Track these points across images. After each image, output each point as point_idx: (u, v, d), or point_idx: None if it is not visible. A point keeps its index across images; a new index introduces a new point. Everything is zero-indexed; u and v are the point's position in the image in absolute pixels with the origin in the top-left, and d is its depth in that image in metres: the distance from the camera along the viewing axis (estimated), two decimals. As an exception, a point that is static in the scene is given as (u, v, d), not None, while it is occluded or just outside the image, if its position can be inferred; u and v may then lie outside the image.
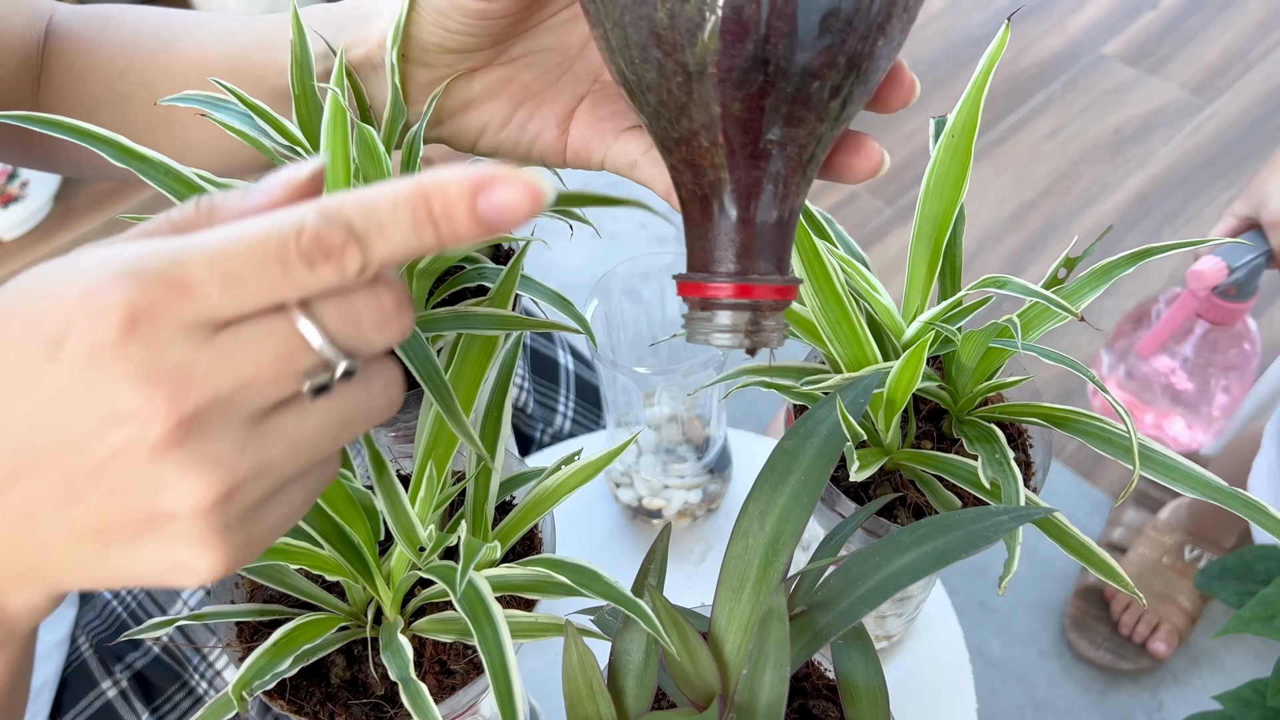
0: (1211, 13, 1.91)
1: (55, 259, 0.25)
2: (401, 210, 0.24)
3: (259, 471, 0.25)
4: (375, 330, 0.25)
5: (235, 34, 0.47)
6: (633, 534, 0.70)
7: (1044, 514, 0.36)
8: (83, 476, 0.24)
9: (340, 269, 0.24)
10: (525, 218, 0.25)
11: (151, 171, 0.39)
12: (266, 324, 0.24)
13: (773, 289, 0.32)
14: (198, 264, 0.23)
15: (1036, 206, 1.62)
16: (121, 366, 0.23)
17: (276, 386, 0.25)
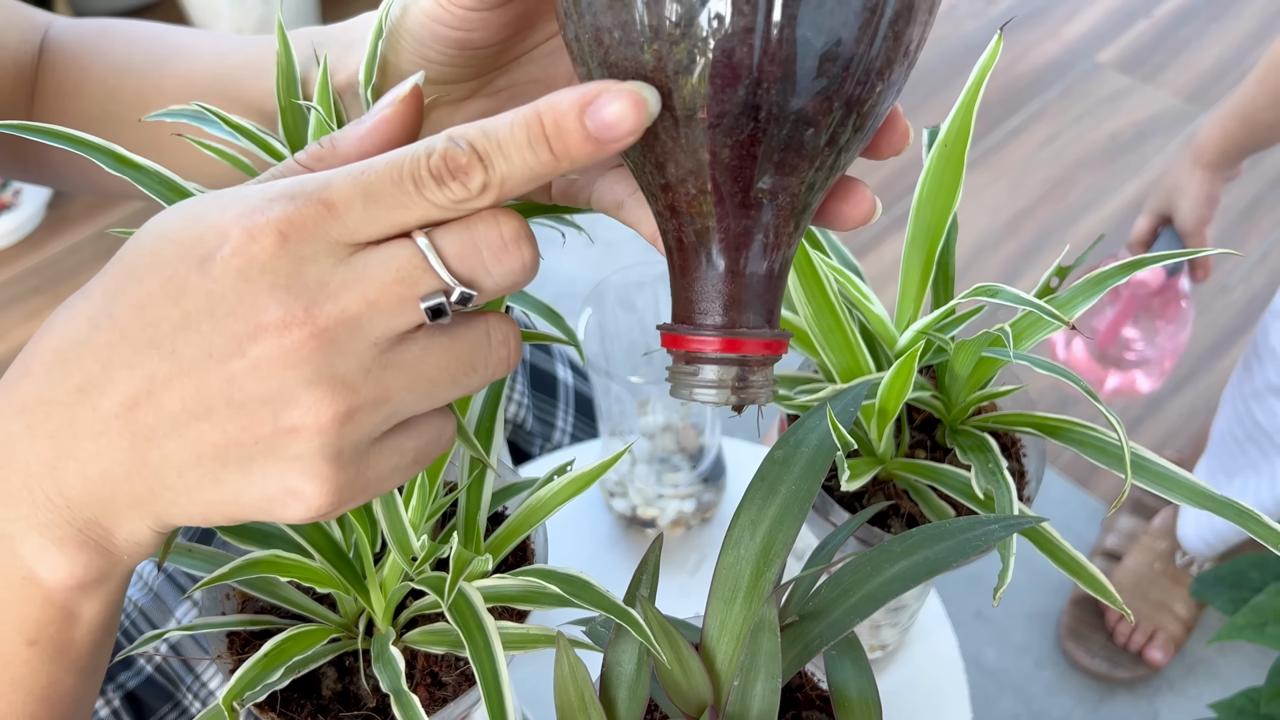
0: (1205, 21, 1.92)
1: (206, 194, 0.28)
2: (518, 129, 0.26)
3: (378, 399, 0.27)
4: (493, 258, 0.27)
5: (226, 55, 0.47)
6: (626, 544, 0.69)
7: (1033, 523, 0.36)
8: (215, 389, 0.26)
9: (465, 184, 0.26)
10: (632, 128, 0.26)
11: (147, 181, 0.39)
12: (394, 249, 0.26)
13: (762, 344, 0.30)
14: (342, 185, 0.26)
15: (1032, 214, 1.62)
16: (269, 279, 0.25)
17: (399, 308, 0.26)
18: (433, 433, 0.29)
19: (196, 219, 0.26)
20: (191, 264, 0.25)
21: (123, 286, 0.26)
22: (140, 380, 0.26)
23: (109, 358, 0.26)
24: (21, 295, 1.56)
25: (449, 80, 0.37)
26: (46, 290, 1.57)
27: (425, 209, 0.26)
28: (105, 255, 1.60)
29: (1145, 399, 1.40)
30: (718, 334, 0.30)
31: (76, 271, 1.59)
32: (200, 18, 1.80)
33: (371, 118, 0.29)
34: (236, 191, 0.27)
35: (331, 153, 0.29)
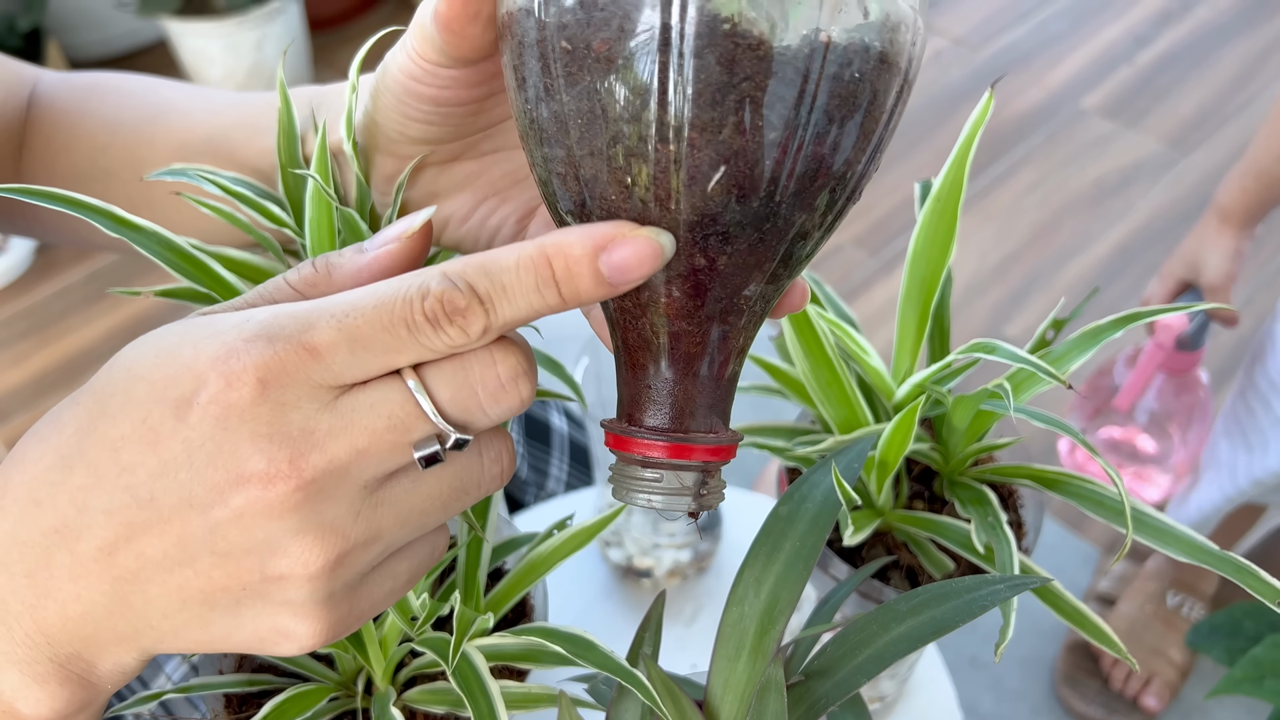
0: (1186, 68, 1.95)
1: (179, 323, 0.26)
2: (525, 272, 0.24)
3: (369, 539, 0.25)
4: (490, 401, 0.26)
5: (219, 112, 0.47)
6: (622, 594, 0.69)
7: (1040, 583, 0.36)
8: (198, 537, 0.24)
9: (464, 330, 0.24)
10: (646, 274, 0.25)
11: (145, 241, 0.39)
12: (383, 392, 0.25)
13: (711, 450, 0.28)
14: (327, 327, 0.24)
15: (1020, 258, 1.64)
16: (249, 427, 0.24)
17: (390, 455, 0.25)
18: (426, 551, 0.28)
19: (170, 357, 0.25)
20: (166, 408, 0.24)
21: (95, 425, 0.25)
22: (118, 526, 0.25)
23: (84, 501, 0.25)
24: (9, 340, 1.56)
25: (431, 139, 0.37)
26: (34, 334, 1.56)
27: (417, 352, 0.25)
28: (94, 300, 1.60)
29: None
30: (667, 439, 0.28)
31: (65, 315, 1.59)
32: (193, 64, 1.81)
33: (374, 249, 0.28)
34: (210, 324, 0.25)
35: (326, 279, 0.27)
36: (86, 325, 1.57)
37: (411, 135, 0.36)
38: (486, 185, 0.39)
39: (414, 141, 0.37)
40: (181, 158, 0.46)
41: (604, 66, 0.25)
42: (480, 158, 0.38)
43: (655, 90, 0.24)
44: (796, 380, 0.48)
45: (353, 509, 0.25)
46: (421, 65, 0.32)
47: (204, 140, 0.46)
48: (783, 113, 0.24)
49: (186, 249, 0.40)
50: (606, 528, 0.44)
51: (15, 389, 1.50)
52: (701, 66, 0.24)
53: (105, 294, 1.62)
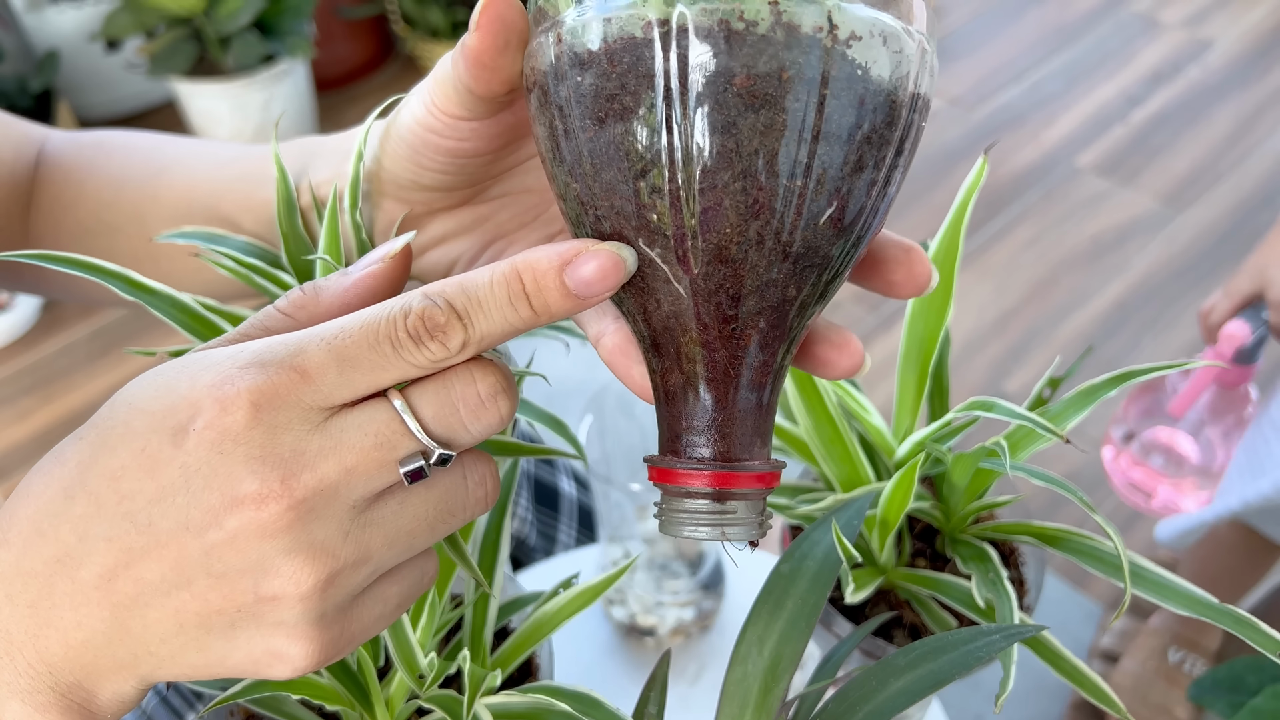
0: (1179, 126, 1.98)
1: (178, 359, 0.27)
2: (498, 287, 0.26)
3: (359, 559, 0.26)
4: (471, 417, 0.27)
5: (223, 165, 0.47)
6: (625, 653, 0.69)
7: (1034, 632, 0.37)
8: (195, 560, 0.25)
9: (444, 345, 0.26)
10: (610, 287, 0.27)
11: (159, 304, 0.40)
12: (370, 412, 0.26)
13: (755, 477, 0.29)
14: (316, 349, 0.25)
15: (1018, 314, 1.65)
16: (243, 450, 0.25)
17: (378, 473, 0.26)
18: (415, 575, 0.29)
19: (168, 389, 0.26)
20: (164, 436, 0.25)
21: (96, 457, 0.26)
22: (118, 552, 0.25)
23: (85, 530, 0.26)
24: (13, 396, 1.56)
25: (443, 187, 0.37)
26: (39, 390, 1.57)
27: (403, 369, 0.26)
28: (98, 356, 1.61)
29: (1137, 497, 1.40)
30: (710, 468, 0.28)
31: (69, 372, 1.59)
32: (200, 123, 1.84)
33: (358, 270, 0.29)
34: (207, 357, 0.26)
35: (314, 301, 0.29)
36: (90, 381, 1.58)
37: (424, 184, 0.37)
38: (494, 228, 0.40)
39: (425, 189, 0.38)
40: (185, 211, 0.47)
41: (617, 117, 0.26)
42: (489, 202, 0.39)
43: (663, 144, 0.26)
44: (799, 438, 0.49)
45: (342, 529, 0.26)
46: (440, 119, 0.33)
47: (208, 194, 0.47)
48: (788, 159, 0.26)
49: (198, 310, 0.41)
50: (611, 587, 0.44)
51: (18, 444, 1.50)
52: (705, 119, 0.25)
53: (109, 351, 1.63)
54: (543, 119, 0.28)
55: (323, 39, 1.94)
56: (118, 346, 1.63)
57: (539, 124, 0.29)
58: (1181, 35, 2.21)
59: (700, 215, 0.26)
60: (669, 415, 0.29)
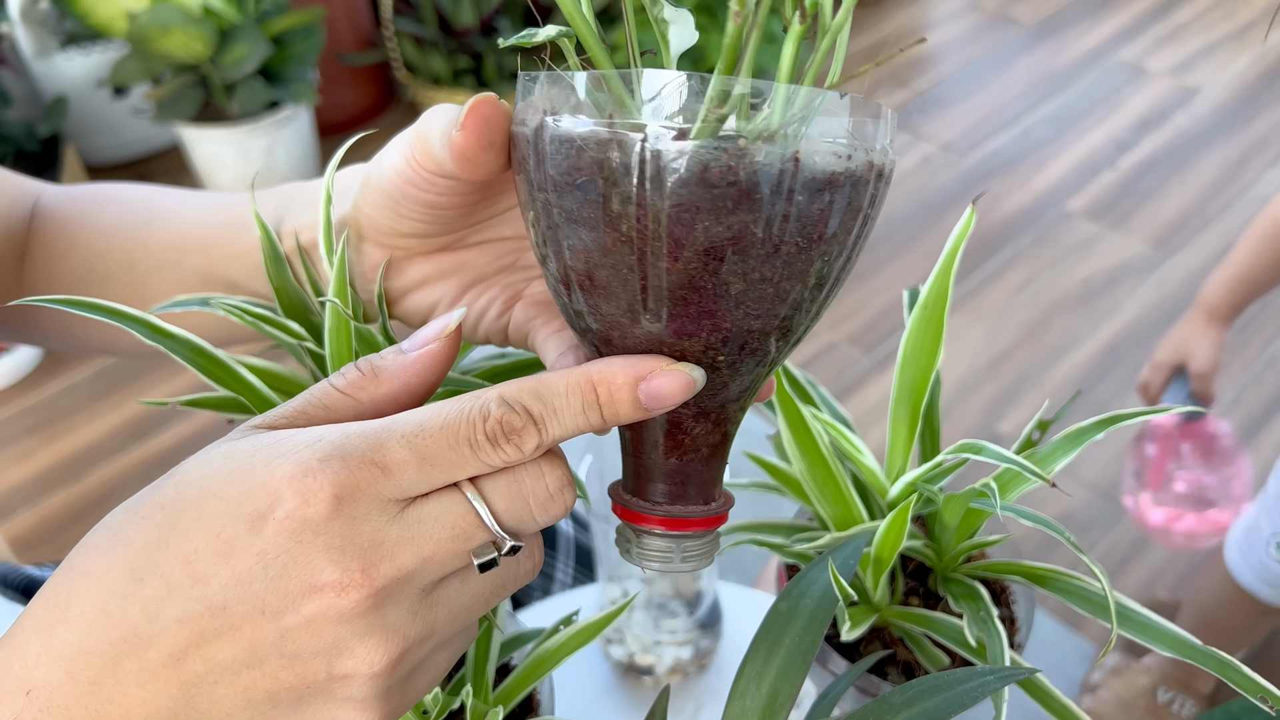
0: (1167, 172, 2.02)
1: (242, 440, 0.27)
2: (573, 396, 0.28)
3: (424, 637, 0.27)
4: (540, 510, 0.28)
5: (210, 213, 0.48)
6: (623, 692, 0.69)
7: (1027, 675, 0.38)
8: (269, 642, 0.26)
9: (520, 448, 0.27)
10: (679, 401, 0.29)
11: (179, 349, 0.41)
12: (446, 504, 0.27)
13: (701, 521, 0.33)
14: (397, 446, 0.26)
15: (1010, 357, 1.67)
16: (324, 540, 0.25)
17: (451, 561, 0.27)
18: (462, 640, 0.30)
19: (245, 475, 0.26)
20: (241, 523, 0.26)
21: (166, 538, 0.26)
22: (190, 633, 0.26)
23: (156, 611, 0.26)
24: (15, 436, 1.57)
25: (421, 234, 0.38)
26: (41, 431, 1.58)
27: (477, 467, 0.27)
28: (100, 397, 1.62)
29: (1132, 540, 1.41)
30: (665, 514, 0.32)
31: (71, 413, 1.60)
32: (205, 167, 1.87)
33: (415, 349, 0.30)
34: (281, 444, 0.27)
35: (374, 382, 0.30)
36: (92, 422, 1.59)
37: (403, 231, 0.38)
38: (473, 272, 0.41)
39: (404, 236, 0.38)
40: (174, 259, 0.48)
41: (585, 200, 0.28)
42: (468, 248, 0.40)
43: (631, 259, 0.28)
44: (794, 478, 0.50)
45: (412, 610, 0.27)
46: (419, 174, 0.34)
47: (195, 240, 0.48)
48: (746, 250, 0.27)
49: (216, 355, 0.42)
50: (609, 625, 0.45)
51: (19, 485, 1.51)
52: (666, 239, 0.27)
53: (111, 392, 1.64)
54: (525, 197, 0.30)
55: (326, 85, 1.97)
56: (120, 388, 1.64)
57: (522, 199, 0.31)
58: (1168, 83, 2.26)
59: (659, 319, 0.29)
60: (634, 463, 0.33)
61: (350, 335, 0.40)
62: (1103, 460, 1.50)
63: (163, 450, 1.55)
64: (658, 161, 0.26)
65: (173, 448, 1.55)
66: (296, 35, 1.75)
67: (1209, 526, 1.21)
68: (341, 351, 0.40)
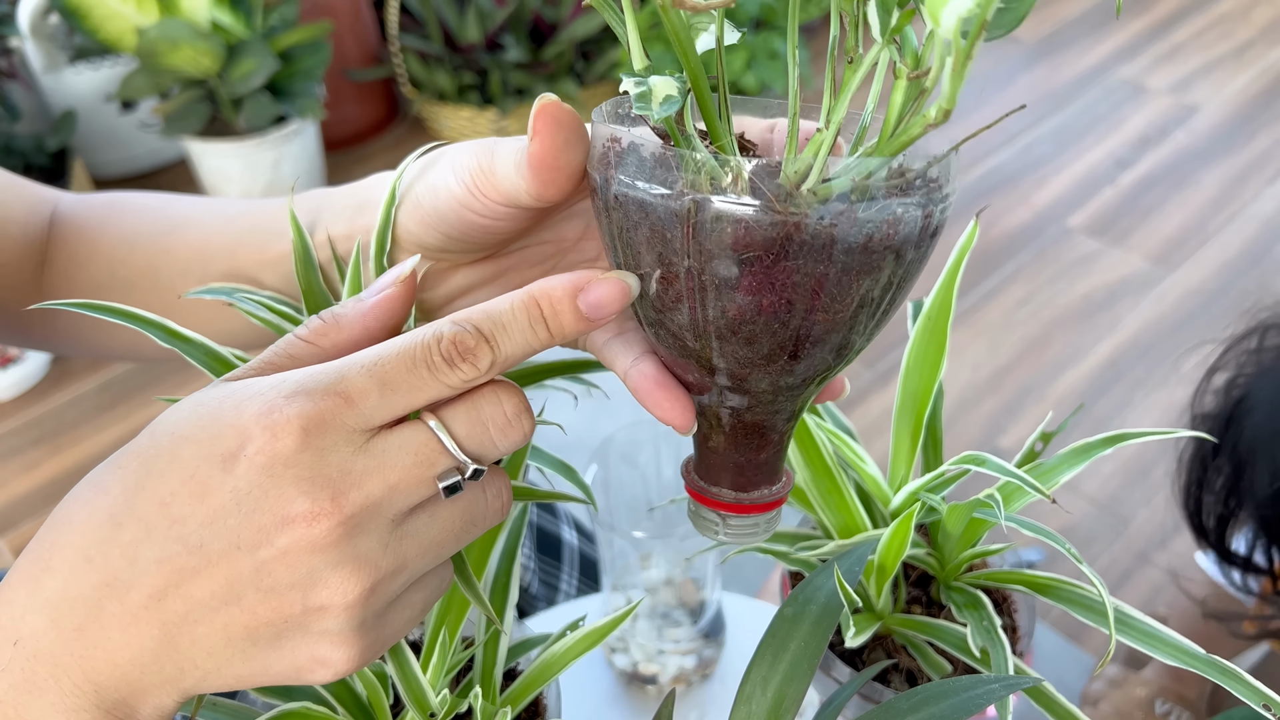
0: (1167, 189, 2.03)
1: (210, 389, 0.29)
2: (519, 312, 0.29)
3: (397, 569, 0.28)
4: (500, 434, 0.30)
5: (234, 220, 0.49)
6: (627, 700, 0.70)
7: (1033, 683, 0.38)
8: (245, 577, 0.27)
9: (475, 365, 0.28)
10: (618, 309, 0.30)
11: (194, 351, 0.42)
12: (409, 433, 0.28)
13: (764, 505, 0.37)
14: (358, 375, 0.28)
15: (1012, 371, 1.68)
16: (294, 473, 0.26)
17: (417, 489, 0.28)
18: (435, 583, 0.31)
19: (214, 418, 0.27)
20: (214, 463, 0.27)
21: (143, 484, 0.27)
22: (169, 573, 0.27)
23: (135, 553, 0.27)
24: (22, 447, 1.58)
25: (468, 250, 0.39)
26: (47, 442, 1.58)
27: (438, 390, 0.28)
28: (107, 408, 1.63)
29: (1133, 554, 1.41)
30: (732, 500, 0.37)
31: (77, 424, 1.61)
32: (212, 181, 1.88)
33: (372, 295, 0.32)
34: (248, 387, 0.28)
35: (335, 328, 0.31)
36: (98, 434, 1.60)
37: (449, 248, 0.39)
38: (515, 278, 0.42)
39: (449, 251, 0.39)
40: (200, 266, 0.49)
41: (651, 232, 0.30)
42: (508, 255, 0.41)
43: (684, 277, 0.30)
44: (798, 487, 0.51)
45: (383, 541, 0.28)
46: (483, 201, 0.35)
47: (221, 248, 0.48)
48: (790, 288, 0.30)
49: (231, 359, 0.43)
50: (613, 632, 0.45)
51: (24, 496, 1.51)
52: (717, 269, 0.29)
53: (117, 404, 1.64)
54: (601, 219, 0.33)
55: (333, 100, 1.99)
56: (126, 399, 1.65)
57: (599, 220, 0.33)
58: (1168, 101, 2.27)
59: (716, 350, 0.32)
60: (704, 453, 0.37)
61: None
62: (1104, 474, 1.51)
63: (167, 461, 1.55)
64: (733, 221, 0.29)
65: (177, 459, 1.55)
66: (304, 51, 1.76)
67: None
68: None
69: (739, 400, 0.34)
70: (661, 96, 0.29)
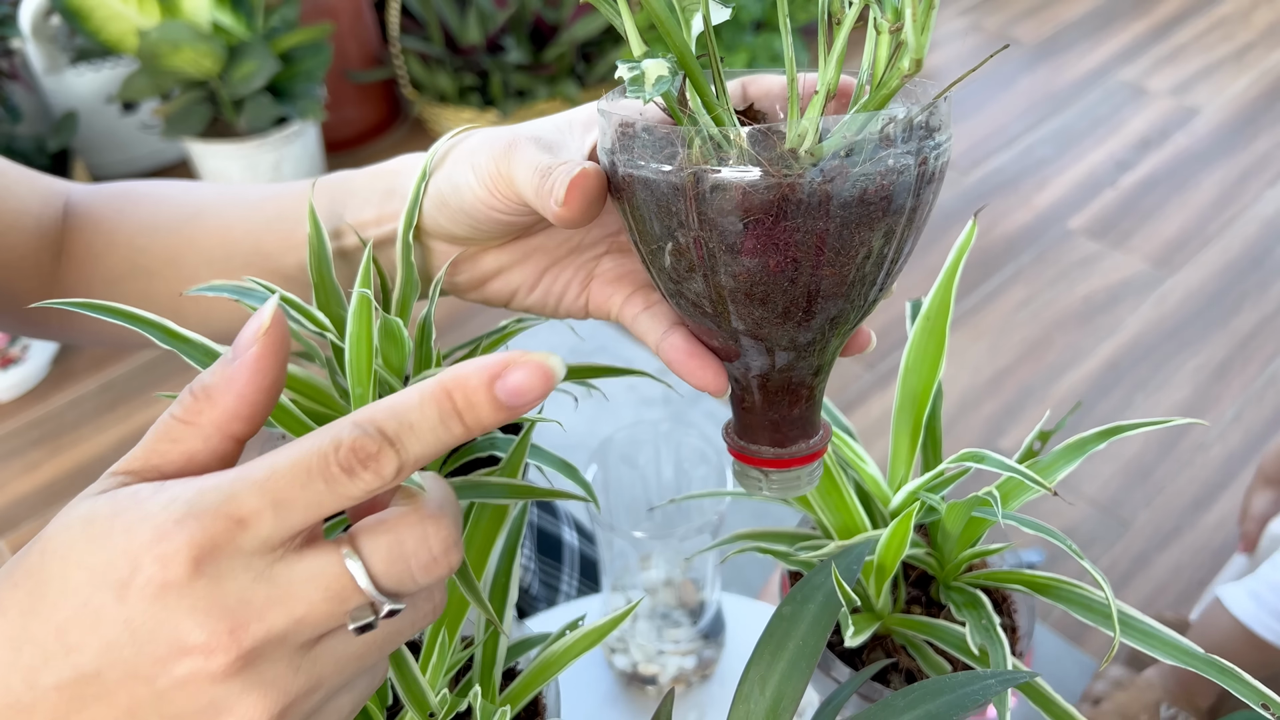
0: (1167, 191, 2.03)
1: (101, 499, 0.26)
2: (428, 408, 0.26)
3: (311, 689, 0.26)
4: (422, 572, 0.27)
5: (256, 207, 0.49)
6: (627, 701, 0.70)
7: (1028, 678, 0.38)
8: (147, 703, 0.25)
9: (379, 473, 0.25)
10: (540, 397, 0.26)
11: (193, 352, 0.42)
12: (319, 563, 0.26)
13: (802, 459, 0.39)
14: (249, 494, 0.25)
15: (1013, 373, 1.68)
16: (188, 602, 0.25)
17: (326, 622, 0.26)
18: (366, 683, 0.29)
19: (105, 542, 0.26)
20: (106, 591, 0.25)
21: (36, 609, 0.26)
22: (69, 699, 0.25)
23: (34, 680, 0.26)
24: (22, 448, 1.58)
25: (496, 236, 0.41)
26: (47, 443, 1.59)
27: (338, 502, 0.26)
28: (107, 410, 1.63)
29: (1134, 556, 1.41)
30: (772, 456, 0.39)
31: (78, 425, 1.61)
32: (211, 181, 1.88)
33: (237, 358, 0.28)
34: (139, 506, 0.26)
35: (208, 402, 0.28)
36: (98, 434, 1.60)
37: (478, 239, 0.41)
38: (544, 256, 0.43)
39: (477, 241, 0.41)
40: (223, 254, 0.48)
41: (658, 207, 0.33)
42: (535, 235, 0.43)
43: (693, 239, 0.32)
44: (797, 488, 0.51)
45: (293, 665, 0.26)
46: (508, 204, 0.37)
47: (245, 235, 0.48)
48: (793, 247, 0.31)
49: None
50: (612, 632, 0.45)
51: (25, 497, 1.52)
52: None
53: (118, 405, 1.65)
54: (614, 200, 0.35)
55: (333, 102, 1.99)
56: (126, 400, 1.65)
57: (613, 200, 0.35)
58: (1169, 103, 2.27)
59: (734, 313, 0.34)
60: (740, 414, 0.39)
61: (370, 329, 0.40)
62: (1104, 475, 1.51)
63: (167, 463, 1.55)
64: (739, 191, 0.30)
65: (177, 460, 1.55)
66: (305, 52, 1.77)
67: None
68: (360, 343, 0.40)
69: (764, 361, 0.36)
70: (654, 78, 0.30)
